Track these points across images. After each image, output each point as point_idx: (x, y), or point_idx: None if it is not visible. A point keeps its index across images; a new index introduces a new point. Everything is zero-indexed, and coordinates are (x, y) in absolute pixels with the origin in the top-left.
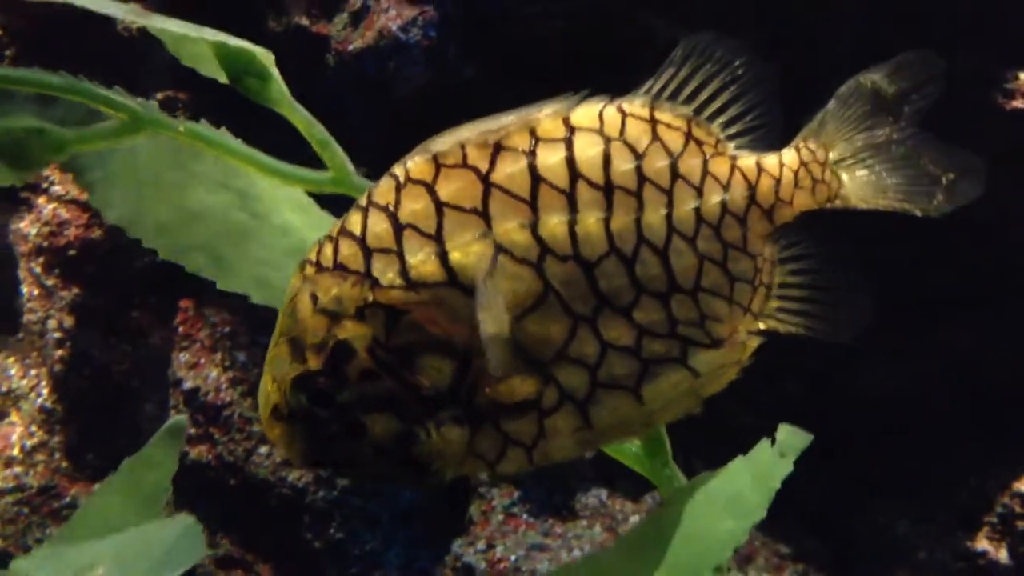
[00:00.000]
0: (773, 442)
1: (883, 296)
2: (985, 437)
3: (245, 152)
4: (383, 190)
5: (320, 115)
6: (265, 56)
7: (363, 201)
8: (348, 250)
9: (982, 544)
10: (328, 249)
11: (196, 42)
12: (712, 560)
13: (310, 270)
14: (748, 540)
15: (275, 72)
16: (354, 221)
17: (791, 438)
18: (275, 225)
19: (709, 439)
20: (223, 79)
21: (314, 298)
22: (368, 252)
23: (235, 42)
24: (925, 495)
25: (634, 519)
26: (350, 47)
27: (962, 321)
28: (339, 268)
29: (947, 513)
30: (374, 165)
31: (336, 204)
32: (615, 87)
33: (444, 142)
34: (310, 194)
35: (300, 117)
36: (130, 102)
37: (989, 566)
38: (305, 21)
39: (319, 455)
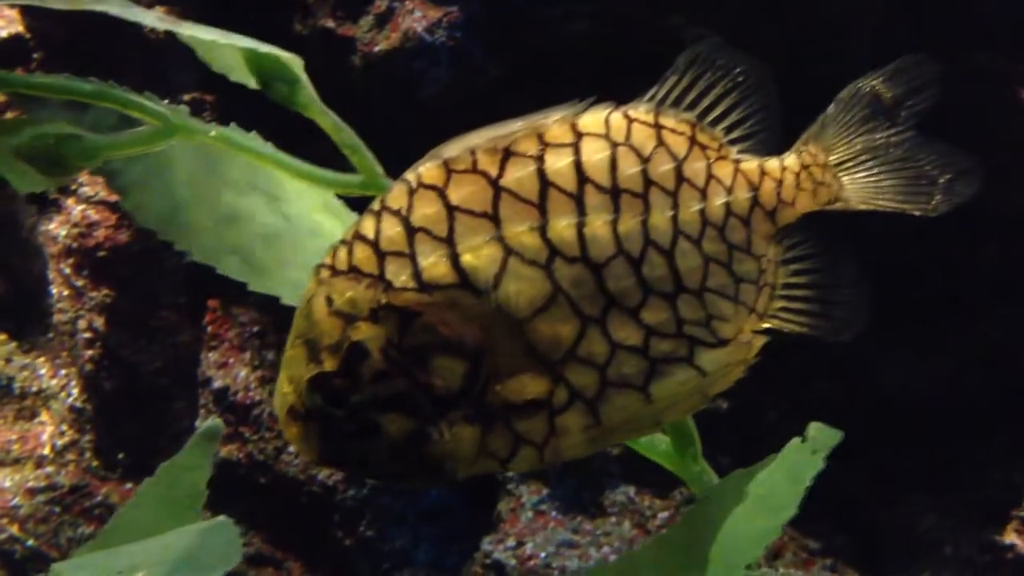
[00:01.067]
0: (804, 440)
1: (910, 291)
2: (1011, 431)
3: (276, 156)
4: (396, 195)
5: (346, 117)
6: (294, 62)
7: (376, 206)
8: (362, 253)
9: (1010, 538)
10: (343, 253)
11: (226, 48)
12: (745, 557)
13: (325, 273)
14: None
15: (304, 77)
16: (368, 226)
17: (821, 435)
18: (305, 227)
19: (736, 436)
20: (252, 84)
21: (329, 300)
22: (381, 255)
23: (265, 48)
24: (951, 489)
25: (663, 516)
26: (376, 49)
27: (989, 315)
28: (353, 271)
29: (973, 507)
30: (400, 166)
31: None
32: (639, 88)
33: (454, 148)
34: (340, 197)
35: (329, 121)
36: (161, 108)
37: (1016, 560)
38: (331, 23)
39: (334, 454)
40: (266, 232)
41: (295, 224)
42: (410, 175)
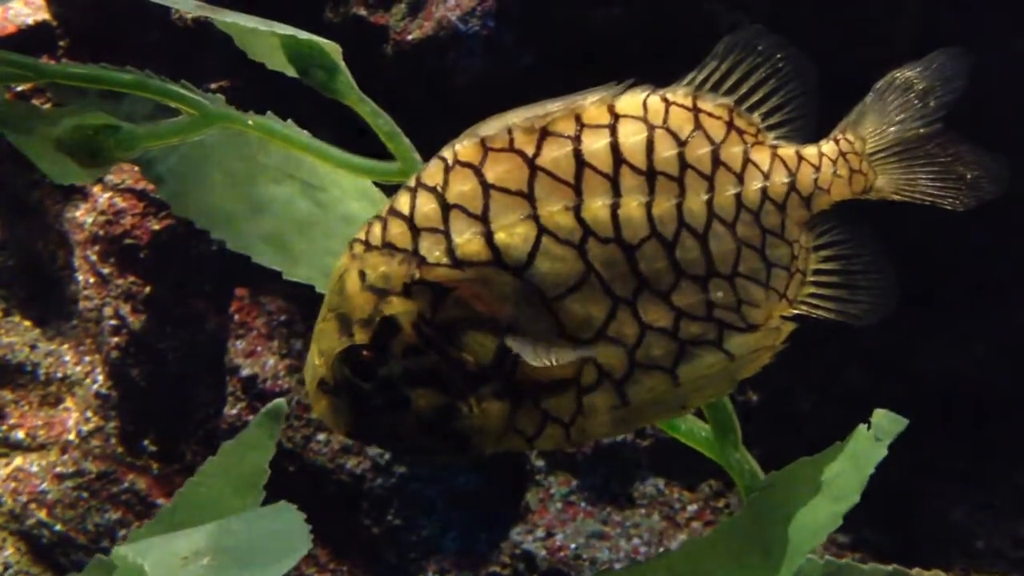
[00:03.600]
0: (868, 427)
1: (942, 279)
2: None
3: (313, 144)
4: (432, 172)
5: (379, 106)
6: (332, 49)
7: (412, 183)
8: (396, 229)
9: None
10: (377, 228)
11: (263, 36)
12: (808, 544)
13: (359, 248)
14: None
15: (342, 64)
16: (403, 202)
17: (886, 422)
18: (339, 215)
19: (768, 428)
20: (291, 72)
21: (362, 275)
22: (416, 231)
23: (304, 36)
24: (983, 482)
25: (691, 508)
26: (408, 37)
27: (1021, 304)
28: (387, 247)
29: (1005, 500)
30: (432, 154)
31: None
32: (674, 75)
33: (492, 126)
34: (378, 185)
35: (367, 108)
36: (200, 96)
37: None
38: (363, 11)
39: (363, 428)
40: (301, 220)
41: (330, 212)
42: (447, 152)
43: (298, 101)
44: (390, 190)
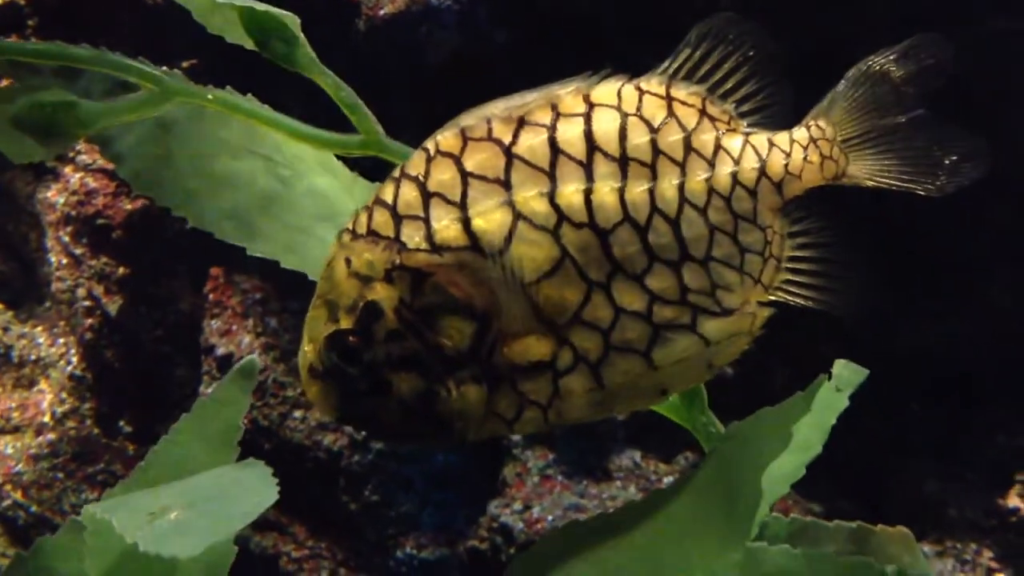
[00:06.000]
0: (829, 378)
1: (917, 255)
2: (1016, 395)
3: (274, 117)
4: (415, 162)
5: (351, 81)
6: (291, 20)
7: (396, 173)
8: (380, 217)
9: (1014, 501)
10: (363, 217)
11: (222, 9)
12: (771, 495)
13: (346, 237)
14: (782, 498)
15: (301, 36)
16: (387, 191)
17: (847, 372)
18: (302, 189)
19: (742, 400)
20: (250, 45)
21: (348, 262)
22: (399, 219)
23: (262, 7)
24: (956, 453)
25: (668, 480)
26: (381, 12)
27: (996, 280)
28: (372, 234)
29: (978, 471)
30: (406, 130)
31: (372, 168)
32: (648, 54)
33: (472, 117)
34: (341, 158)
35: (328, 80)
36: (158, 72)
37: (1021, 523)
38: None
39: (350, 412)
40: (263, 196)
41: (292, 186)
42: (429, 143)
43: (273, 77)
44: (353, 163)
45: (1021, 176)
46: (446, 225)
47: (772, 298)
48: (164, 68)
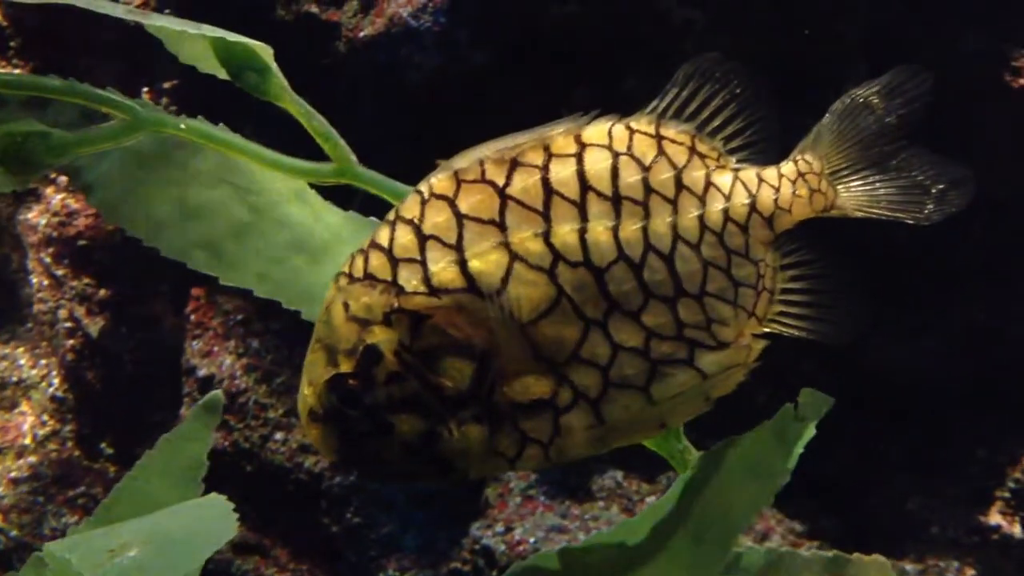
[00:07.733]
0: (796, 407)
1: (897, 273)
2: (996, 411)
3: (246, 146)
4: (409, 205)
5: (331, 103)
6: (264, 50)
7: (391, 216)
8: (377, 261)
9: (995, 519)
10: (359, 261)
11: (194, 39)
12: (737, 524)
13: (343, 281)
14: (763, 517)
15: (274, 66)
16: (383, 235)
17: (813, 401)
18: (275, 219)
19: (724, 419)
20: (222, 75)
21: (346, 306)
22: (395, 262)
23: (234, 38)
24: (937, 470)
25: (650, 500)
26: (361, 34)
27: (975, 297)
28: (369, 278)
29: (959, 488)
30: (386, 151)
31: (343, 196)
32: (628, 73)
33: (465, 159)
34: (314, 186)
35: (300, 110)
36: (130, 102)
37: (1003, 540)
38: (315, 8)
39: (352, 454)
40: (235, 225)
41: (265, 216)
42: (423, 186)
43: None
44: (326, 192)
45: (995, 193)
46: (443, 267)
47: (766, 330)
48: (159, 91)
